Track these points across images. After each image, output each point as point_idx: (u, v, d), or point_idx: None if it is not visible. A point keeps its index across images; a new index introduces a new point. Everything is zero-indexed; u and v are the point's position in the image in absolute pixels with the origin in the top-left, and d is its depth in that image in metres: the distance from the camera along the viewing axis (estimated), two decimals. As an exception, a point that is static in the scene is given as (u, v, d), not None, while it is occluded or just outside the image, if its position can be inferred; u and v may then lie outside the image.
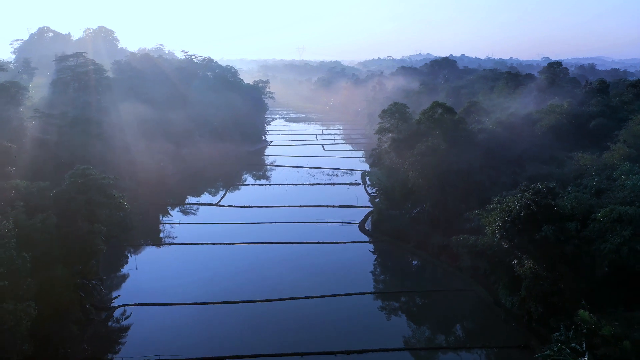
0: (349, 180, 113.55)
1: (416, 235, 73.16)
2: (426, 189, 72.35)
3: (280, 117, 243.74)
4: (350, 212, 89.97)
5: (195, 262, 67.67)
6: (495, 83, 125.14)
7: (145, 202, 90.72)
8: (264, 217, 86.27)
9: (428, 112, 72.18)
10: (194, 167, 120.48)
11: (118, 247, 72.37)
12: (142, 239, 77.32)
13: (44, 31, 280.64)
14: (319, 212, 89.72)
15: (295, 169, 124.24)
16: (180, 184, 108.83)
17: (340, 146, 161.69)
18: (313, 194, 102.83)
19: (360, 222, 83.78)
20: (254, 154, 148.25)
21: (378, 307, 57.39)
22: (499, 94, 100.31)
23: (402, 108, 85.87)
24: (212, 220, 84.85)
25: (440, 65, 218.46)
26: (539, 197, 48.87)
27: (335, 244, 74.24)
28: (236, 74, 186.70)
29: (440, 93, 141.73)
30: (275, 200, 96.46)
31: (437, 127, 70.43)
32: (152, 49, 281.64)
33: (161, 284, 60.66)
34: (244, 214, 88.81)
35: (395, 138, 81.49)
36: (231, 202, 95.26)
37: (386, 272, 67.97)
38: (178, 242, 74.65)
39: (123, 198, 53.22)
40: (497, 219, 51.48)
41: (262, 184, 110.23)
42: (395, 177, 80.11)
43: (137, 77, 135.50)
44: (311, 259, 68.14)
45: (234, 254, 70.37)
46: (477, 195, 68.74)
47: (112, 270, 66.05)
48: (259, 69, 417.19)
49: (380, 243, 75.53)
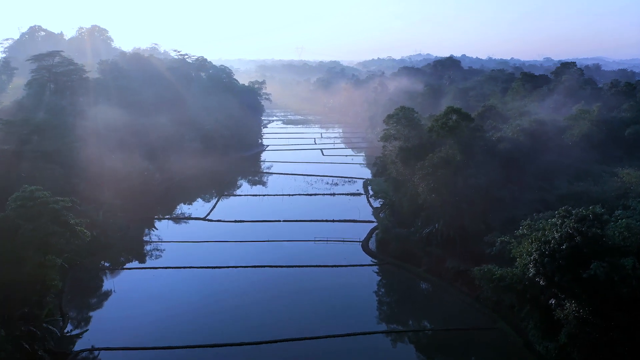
0: (350, 189, 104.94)
1: (428, 258, 64.63)
2: (439, 206, 63.79)
3: (278, 119, 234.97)
4: (351, 227, 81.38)
5: (176, 292, 58.91)
6: (508, 84, 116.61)
7: (127, 216, 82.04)
8: (257, 234, 77.64)
9: (441, 118, 63.57)
10: (182, 175, 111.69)
11: (92, 270, 63.90)
12: (121, 258, 68.92)
13: (35, 30, 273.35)
14: (317, 227, 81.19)
15: (292, 177, 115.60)
16: (167, 194, 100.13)
17: (340, 151, 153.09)
18: (311, 205, 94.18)
19: (363, 240, 75.15)
20: (249, 159, 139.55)
21: (385, 349, 48.77)
22: (513, 97, 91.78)
23: (410, 113, 77.33)
24: (198, 238, 76.07)
25: (443, 65, 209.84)
26: (584, 226, 40.28)
27: (336, 268, 65.61)
28: (231, 75, 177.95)
29: (447, 95, 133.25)
30: (270, 213, 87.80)
31: (451, 135, 61.84)
32: (146, 49, 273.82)
33: (135, 321, 51.77)
34: (234, 230, 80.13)
35: (402, 147, 72.91)
36: (221, 216, 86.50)
37: (394, 304, 59.11)
38: (158, 266, 65.83)
39: (82, 224, 44.44)
40: (531, 249, 42.93)
41: (256, 193, 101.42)
42: (403, 191, 71.51)
43: (123, 78, 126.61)
44: (308, 288, 59.32)
45: (220, 281, 61.67)
46: (499, 214, 60.21)
47: (83, 299, 57.38)
48: (257, 69, 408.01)
49: (387, 266, 66.91)
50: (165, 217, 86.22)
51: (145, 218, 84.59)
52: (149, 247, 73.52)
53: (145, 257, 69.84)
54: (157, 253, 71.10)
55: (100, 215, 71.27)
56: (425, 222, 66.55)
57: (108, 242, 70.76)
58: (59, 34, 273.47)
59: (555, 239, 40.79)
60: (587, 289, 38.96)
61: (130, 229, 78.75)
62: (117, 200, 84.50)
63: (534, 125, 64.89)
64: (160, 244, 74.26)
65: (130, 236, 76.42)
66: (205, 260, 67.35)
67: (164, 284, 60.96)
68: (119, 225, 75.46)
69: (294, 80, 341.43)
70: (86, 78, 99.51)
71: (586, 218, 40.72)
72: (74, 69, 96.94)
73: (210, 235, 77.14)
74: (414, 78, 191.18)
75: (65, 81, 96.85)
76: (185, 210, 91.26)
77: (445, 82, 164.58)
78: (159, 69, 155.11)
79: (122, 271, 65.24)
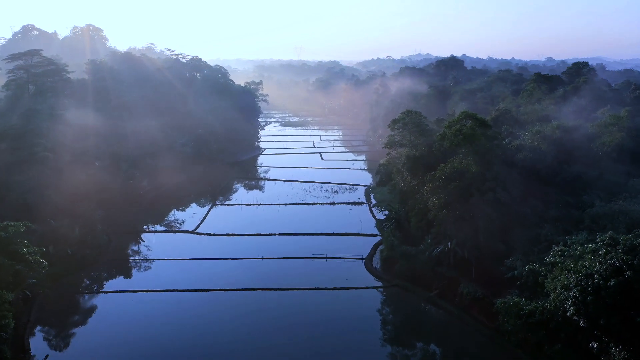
0: (351, 197, 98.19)
1: (439, 281, 57.88)
2: (452, 222, 57.12)
3: (275, 121, 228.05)
4: (353, 242, 74.68)
5: (156, 321, 52.23)
6: (518, 86, 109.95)
7: (108, 230, 75.31)
8: (249, 250, 70.89)
9: (454, 124, 56.86)
10: (172, 183, 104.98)
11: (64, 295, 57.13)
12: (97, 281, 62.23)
13: (29, 29, 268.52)
14: (316, 241, 74.54)
15: (290, 184, 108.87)
16: (155, 203, 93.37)
17: (340, 155, 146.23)
18: (309, 216, 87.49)
19: (366, 257, 68.40)
20: (245, 164, 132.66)
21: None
22: (527, 100, 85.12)
23: (417, 117, 70.74)
24: (185, 254, 69.27)
25: (446, 65, 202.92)
26: (635, 258, 33.60)
27: (336, 291, 58.82)
28: (226, 75, 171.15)
29: (453, 97, 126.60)
30: (265, 225, 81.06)
31: (466, 144, 55.14)
32: (142, 48, 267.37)
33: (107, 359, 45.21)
34: (225, 245, 73.36)
35: (409, 155, 66.28)
36: (212, 228, 79.75)
37: (402, 338, 51.85)
38: (139, 289, 58.95)
39: (36, 253, 37.70)
40: (569, 283, 36.25)
41: (251, 202, 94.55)
42: (411, 204, 64.82)
43: (112, 79, 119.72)
44: (303, 322, 52.22)
45: (206, 308, 54.95)
46: (520, 233, 53.60)
47: (49, 331, 50.64)
48: (255, 69, 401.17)
49: (393, 289, 60.13)
50: (151, 231, 79.38)
51: (128, 231, 77.79)
52: (130, 265, 66.67)
53: (125, 278, 63.04)
54: (139, 273, 64.37)
55: (76, 231, 64.59)
56: (436, 239, 59.85)
57: (85, 260, 64.10)
58: (52, 33, 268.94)
59: (599, 273, 34.14)
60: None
61: (112, 244, 72.02)
62: (98, 212, 77.91)
63: (558, 132, 58.21)
64: (143, 262, 67.51)
65: (111, 253, 69.61)
66: (191, 281, 60.73)
67: (143, 311, 54.22)
68: (98, 241, 68.69)
69: (292, 81, 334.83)
70: (68, 79, 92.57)
71: (637, 248, 34.03)
72: (55, 69, 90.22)
73: (198, 251, 70.37)
74: (416, 78, 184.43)
75: (46, 82, 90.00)
76: (174, 222, 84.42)
77: (449, 83, 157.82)
78: (150, 69, 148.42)
79: (97, 295, 58.38)
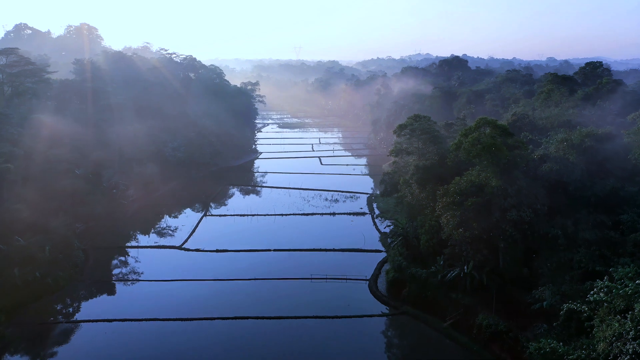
0: (353, 207, 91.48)
1: (453, 309, 51.18)
2: (468, 243, 50.44)
3: (273, 123, 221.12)
4: (355, 259, 68.13)
5: (132, 357, 45.64)
6: (530, 87, 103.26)
7: (87, 246, 68.74)
8: (242, 269, 64.24)
9: (471, 132, 50.15)
10: (161, 191, 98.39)
11: (28, 325, 50.55)
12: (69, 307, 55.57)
13: (21, 28, 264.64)
14: (314, 258, 68.06)
15: (287, 191, 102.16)
16: (140, 213, 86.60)
17: (340, 159, 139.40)
18: (308, 228, 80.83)
19: (370, 278, 61.71)
20: (240, 169, 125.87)
21: None
22: (543, 102, 78.39)
23: (427, 123, 64.08)
24: (170, 274, 62.53)
25: (450, 65, 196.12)
26: None
27: (337, 320, 52.16)
28: (222, 75, 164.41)
29: (459, 98, 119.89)
30: (259, 239, 74.47)
31: (485, 154, 48.44)
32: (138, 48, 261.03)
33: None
34: (215, 263, 66.72)
35: (419, 165, 59.56)
36: (201, 243, 73.08)
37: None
38: (115, 318, 52.05)
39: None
40: (624, 330, 29.63)
41: (245, 213, 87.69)
42: (420, 220, 58.08)
43: (99, 79, 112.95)
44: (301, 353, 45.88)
45: (192, 339, 48.25)
46: (547, 256, 46.98)
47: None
48: (253, 69, 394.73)
49: (401, 318, 53.40)
50: (134, 246, 72.57)
51: (110, 247, 71.07)
52: (108, 289, 59.80)
53: (100, 304, 56.19)
54: (117, 298, 57.64)
55: (46, 250, 57.85)
56: (450, 261, 53.14)
57: (57, 283, 57.37)
58: (46, 32, 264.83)
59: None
60: None
61: (89, 262, 65.34)
62: (76, 226, 71.40)
63: (587, 140, 51.49)
64: (122, 285, 60.72)
65: (88, 273, 62.83)
66: (174, 307, 54.04)
67: (119, 345, 47.54)
68: (73, 260, 61.97)
69: (291, 81, 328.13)
70: (47, 80, 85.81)
71: None
72: (33, 69, 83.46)
73: (184, 271, 63.65)
74: (419, 79, 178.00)
75: (24, 83, 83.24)
76: (160, 235, 77.62)
77: (454, 84, 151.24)
78: (141, 69, 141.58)
79: (66, 326, 51.59)
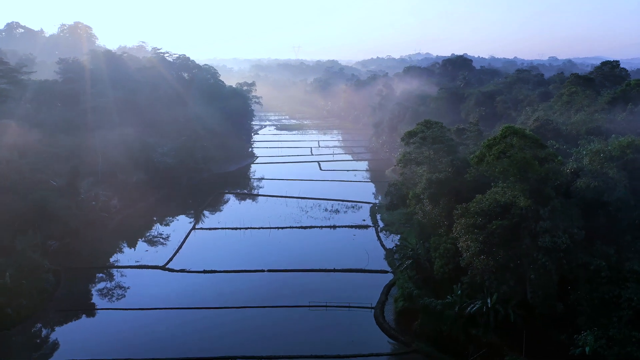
0: (355, 218, 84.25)
1: (475, 348, 44.04)
2: (492, 271, 43.31)
3: (271, 124, 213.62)
4: (359, 280, 61.16)
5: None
6: (545, 88, 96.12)
7: (60, 266, 61.54)
8: (231, 294, 57.19)
9: (496, 143, 42.98)
10: (148, 199, 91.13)
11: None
12: (26, 345, 48.29)
13: (13, 27, 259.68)
14: (313, 280, 61.24)
15: (284, 200, 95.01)
16: (124, 226, 79.35)
17: (341, 163, 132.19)
18: (306, 244, 73.73)
19: (376, 305, 54.53)
20: (234, 176, 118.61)
21: None
22: (565, 106, 71.23)
23: (439, 131, 57.00)
24: (148, 302, 55.05)
25: (454, 64, 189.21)
26: None
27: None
28: (216, 75, 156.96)
29: (467, 100, 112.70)
30: (252, 257, 67.43)
31: (513, 169, 41.28)
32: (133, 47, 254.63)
33: None
34: (201, 287, 59.53)
35: (432, 179, 52.38)
36: (187, 262, 65.88)
37: None
38: (81, 359, 45.08)
39: None
40: None
41: (237, 226, 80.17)
42: (434, 242, 50.89)
43: (83, 80, 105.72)
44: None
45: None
46: (587, 290, 39.84)
47: None
48: (251, 69, 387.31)
49: (413, 356, 46.25)
50: (113, 265, 65.37)
51: (85, 268, 63.78)
52: (75, 320, 52.40)
53: (64, 341, 48.79)
54: (85, 332, 50.35)
55: (6, 277, 50.62)
56: (470, 291, 45.96)
57: (19, 315, 50.19)
58: (38, 30, 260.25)
59: None
60: None
61: (60, 287, 58.09)
62: (48, 244, 64.28)
63: (629, 152, 44.45)
64: (91, 316, 53.41)
65: (57, 300, 55.54)
66: (150, 345, 46.95)
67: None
68: (40, 286, 54.72)
69: (289, 81, 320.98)
70: (21, 81, 78.62)
71: None
72: (5, 69, 76.15)
73: (166, 297, 56.43)
74: (423, 79, 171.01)
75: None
76: (144, 251, 70.37)
77: (459, 84, 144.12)
78: (132, 69, 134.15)
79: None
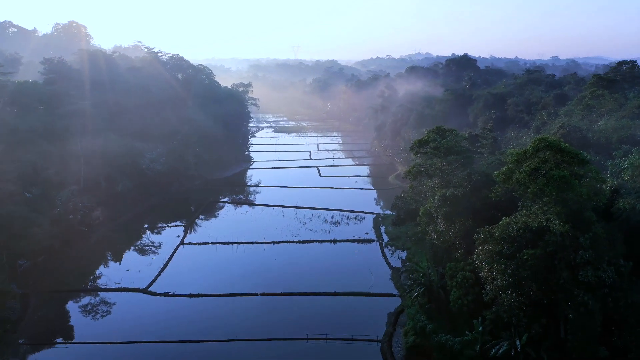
0: (357, 231, 77.82)
1: (500, 398, 37.73)
2: (521, 309, 36.94)
3: (268, 126, 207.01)
4: (363, 305, 54.87)
5: None
6: (560, 90, 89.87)
7: (28, 292, 55.14)
8: (218, 322, 50.99)
9: (527, 158, 36.57)
10: (135, 210, 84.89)
11: None
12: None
13: (6, 26, 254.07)
14: (312, 305, 55.01)
15: (281, 210, 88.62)
16: (106, 241, 72.98)
17: (341, 169, 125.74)
18: (304, 262, 67.27)
19: (383, 337, 48.21)
20: (228, 182, 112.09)
21: None
22: (588, 110, 64.98)
23: (454, 140, 50.47)
24: (126, 334, 48.78)
25: (458, 64, 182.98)
26: None
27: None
28: (211, 75, 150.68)
29: (475, 102, 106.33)
30: (244, 277, 61.13)
31: (550, 189, 34.91)
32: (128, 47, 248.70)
33: None
34: (186, 313, 53.22)
35: (446, 195, 45.99)
36: (171, 284, 59.44)
37: None
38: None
39: None
40: None
41: (229, 240, 73.79)
42: (450, 269, 44.51)
43: (68, 80, 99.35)
44: None
45: None
46: (635, 332, 33.49)
47: None
48: (249, 69, 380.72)
49: (428, 405, 40.03)
50: (89, 289, 58.90)
51: (57, 291, 57.32)
52: (42, 356, 46.15)
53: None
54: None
55: None
56: (492, 329, 39.61)
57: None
58: (32, 30, 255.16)
59: None
60: None
61: (27, 314, 51.70)
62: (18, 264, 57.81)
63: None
64: (61, 349, 47.10)
65: (22, 331, 49.15)
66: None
67: None
68: (2, 315, 48.33)
69: (288, 81, 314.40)
70: None
71: None
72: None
73: (145, 327, 50.05)
74: (426, 80, 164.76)
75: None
76: (125, 271, 63.94)
77: (464, 85, 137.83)
78: (122, 69, 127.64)
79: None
